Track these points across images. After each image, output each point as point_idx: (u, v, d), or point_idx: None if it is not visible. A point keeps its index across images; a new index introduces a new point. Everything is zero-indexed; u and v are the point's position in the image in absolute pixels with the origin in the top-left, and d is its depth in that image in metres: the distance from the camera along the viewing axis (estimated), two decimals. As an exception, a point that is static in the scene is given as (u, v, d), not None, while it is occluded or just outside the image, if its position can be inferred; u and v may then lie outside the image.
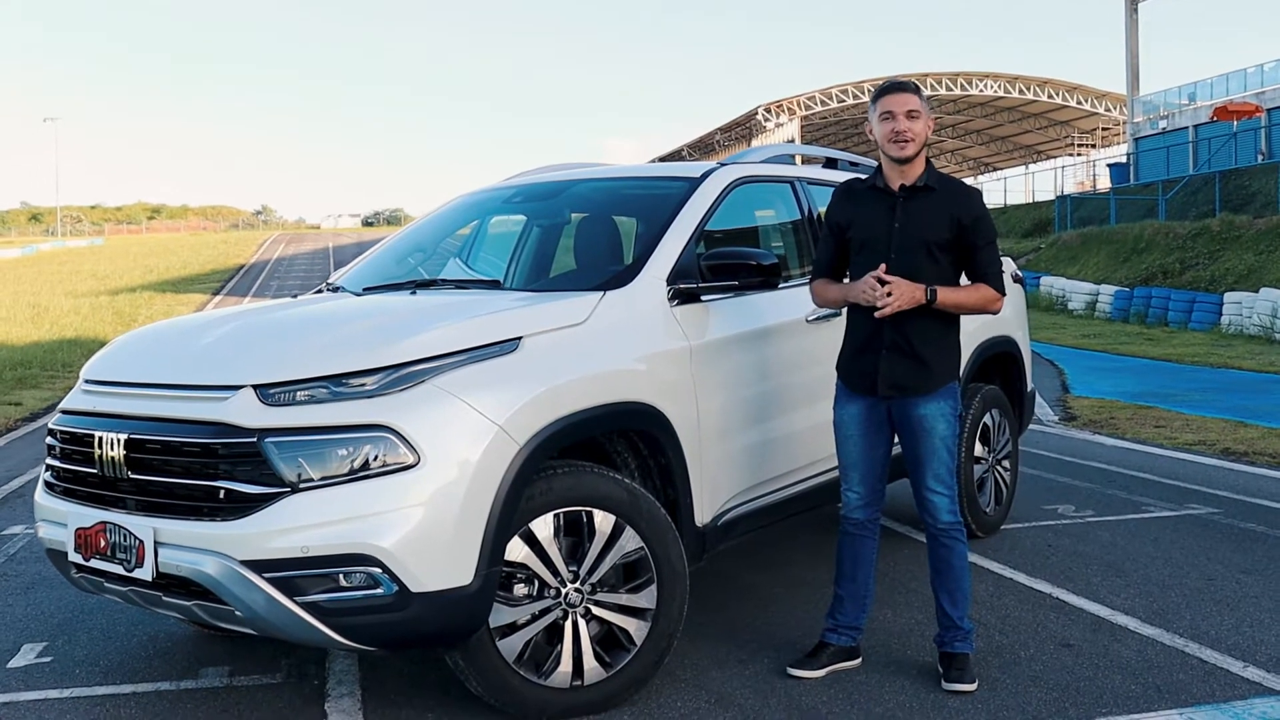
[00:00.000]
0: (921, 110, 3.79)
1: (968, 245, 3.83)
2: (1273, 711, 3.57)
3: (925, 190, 3.82)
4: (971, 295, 3.84)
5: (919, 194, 3.83)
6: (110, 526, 3.40)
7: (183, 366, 3.57)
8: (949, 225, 3.79)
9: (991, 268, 3.86)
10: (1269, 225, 23.40)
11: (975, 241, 3.83)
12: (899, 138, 3.77)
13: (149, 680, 4.02)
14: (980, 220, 3.83)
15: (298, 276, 41.87)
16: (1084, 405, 11.54)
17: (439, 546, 3.17)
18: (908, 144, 3.77)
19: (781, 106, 54.14)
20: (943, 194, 3.83)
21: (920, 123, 3.78)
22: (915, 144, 3.78)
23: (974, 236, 3.82)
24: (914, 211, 3.81)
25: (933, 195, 3.82)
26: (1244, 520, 6.26)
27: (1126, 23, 39.19)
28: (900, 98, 3.79)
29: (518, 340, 3.51)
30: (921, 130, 3.79)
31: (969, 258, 3.86)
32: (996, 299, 3.87)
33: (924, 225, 3.79)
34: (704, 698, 3.75)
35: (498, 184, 5.47)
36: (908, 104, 3.78)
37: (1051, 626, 4.43)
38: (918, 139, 3.78)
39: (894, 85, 3.86)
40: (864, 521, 3.99)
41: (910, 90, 3.82)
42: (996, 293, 3.86)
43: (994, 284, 3.85)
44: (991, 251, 3.86)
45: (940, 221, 3.79)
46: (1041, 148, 63.02)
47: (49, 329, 22.36)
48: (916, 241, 3.79)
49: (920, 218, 3.80)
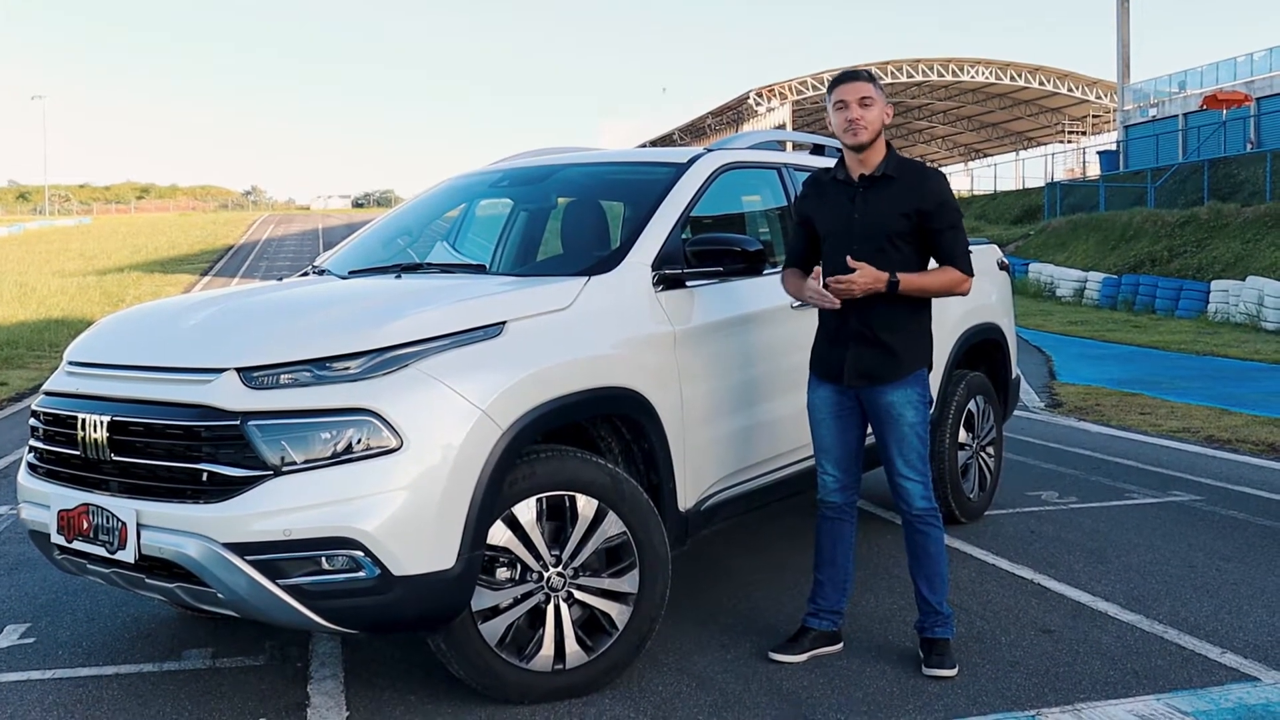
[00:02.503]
0: (875, 98, 3.80)
1: (931, 230, 3.82)
2: (1249, 697, 3.60)
3: (884, 179, 3.82)
4: (937, 278, 3.83)
5: (878, 183, 3.83)
6: (93, 508, 3.40)
7: (166, 349, 3.56)
8: (910, 213, 3.79)
9: (957, 248, 3.84)
10: (1256, 214, 23.47)
11: (938, 226, 3.82)
12: (852, 126, 3.77)
13: (132, 662, 4.02)
14: (943, 205, 3.82)
15: (287, 257, 41.76)
16: (1070, 392, 11.59)
17: (421, 530, 3.18)
18: (861, 131, 3.77)
19: (773, 91, 54.07)
20: (902, 182, 3.81)
21: (874, 110, 3.78)
22: (869, 131, 3.78)
23: (936, 221, 3.81)
24: (873, 201, 3.82)
25: (892, 184, 3.81)
26: (1226, 507, 6.30)
27: (1118, 10, 39.15)
28: (853, 86, 3.80)
29: (502, 325, 3.51)
30: (876, 117, 3.79)
31: (934, 242, 3.85)
32: (963, 280, 3.86)
33: (884, 214, 3.80)
34: (686, 681, 3.77)
35: (485, 168, 5.46)
36: (860, 92, 3.79)
37: (1032, 612, 4.46)
38: (871, 126, 3.78)
39: (847, 74, 3.87)
40: (841, 505, 4.01)
41: (863, 79, 3.84)
42: (963, 274, 3.85)
43: (960, 265, 3.84)
44: (955, 234, 3.85)
45: (900, 210, 3.79)
46: (1032, 134, 63.05)
47: (36, 309, 22.28)
48: (877, 231, 3.79)
49: (880, 207, 3.81)
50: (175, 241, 50.68)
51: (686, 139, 63.54)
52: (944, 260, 3.86)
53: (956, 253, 3.85)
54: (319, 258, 5.00)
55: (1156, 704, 3.55)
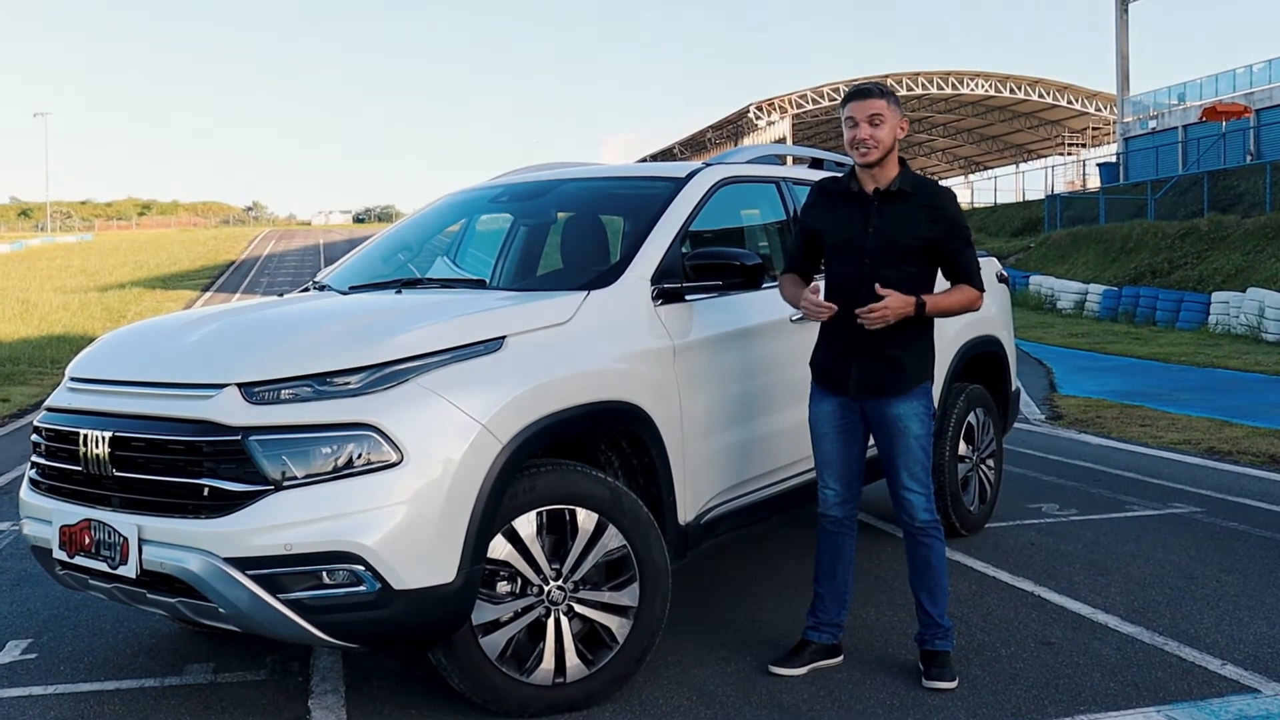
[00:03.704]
0: (887, 115, 3.77)
1: (945, 249, 3.85)
2: (1249, 709, 3.60)
3: (899, 195, 3.83)
4: (956, 298, 3.87)
5: (893, 199, 3.83)
6: (95, 524, 3.41)
7: (168, 365, 3.58)
8: (924, 230, 3.80)
9: (971, 267, 3.88)
10: (1256, 225, 23.48)
11: (953, 245, 3.84)
12: (861, 145, 3.77)
13: (134, 677, 4.03)
14: (955, 222, 3.85)
15: (288, 273, 41.82)
16: (1071, 404, 11.59)
17: (422, 544, 3.19)
18: (870, 151, 3.77)
19: (773, 105, 54.20)
20: (917, 198, 3.83)
21: (885, 129, 3.77)
22: (878, 150, 3.77)
23: (950, 240, 3.84)
24: (888, 216, 3.82)
25: (907, 200, 3.83)
26: (1226, 519, 6.30)
27: (1117, 23, 39.28)
28: (863, 104, 3.78)
29: (502, 339, 3.53)
30: (886, 136, 3.77)
31: (948, 261, 3.88)
32: (978, 298, 3.91)
33: (899, 230, 3.80)
34: (686, 695, 3.77)
35: (485, 183, 5.48)
36: (870, 109, 3.77)
37: (1032, 625, 4.47)
38: (881, 145, 3.76)
39: (858, 91, 3.86)
40: (841, 519, 4.01)
41: (875, 95, 3.81)
42: (978, 292, 3.90)
43: (975, 284, 3.88)
44: (969, 252, 3.89)
45: (914, 227, 3.80)
46: (1032, 147, 63.18)
47: (38, 325, 22.32)
48: (891, 246, 3.80)
49: (894, 223, 3.81)
50: (177, 257, 50.78)
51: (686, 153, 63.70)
52: (958, 278, 3.88)
53: (970, 270, 3.88)
54: (320, 273, 5.02)
55: (1157, 716, 3.56)
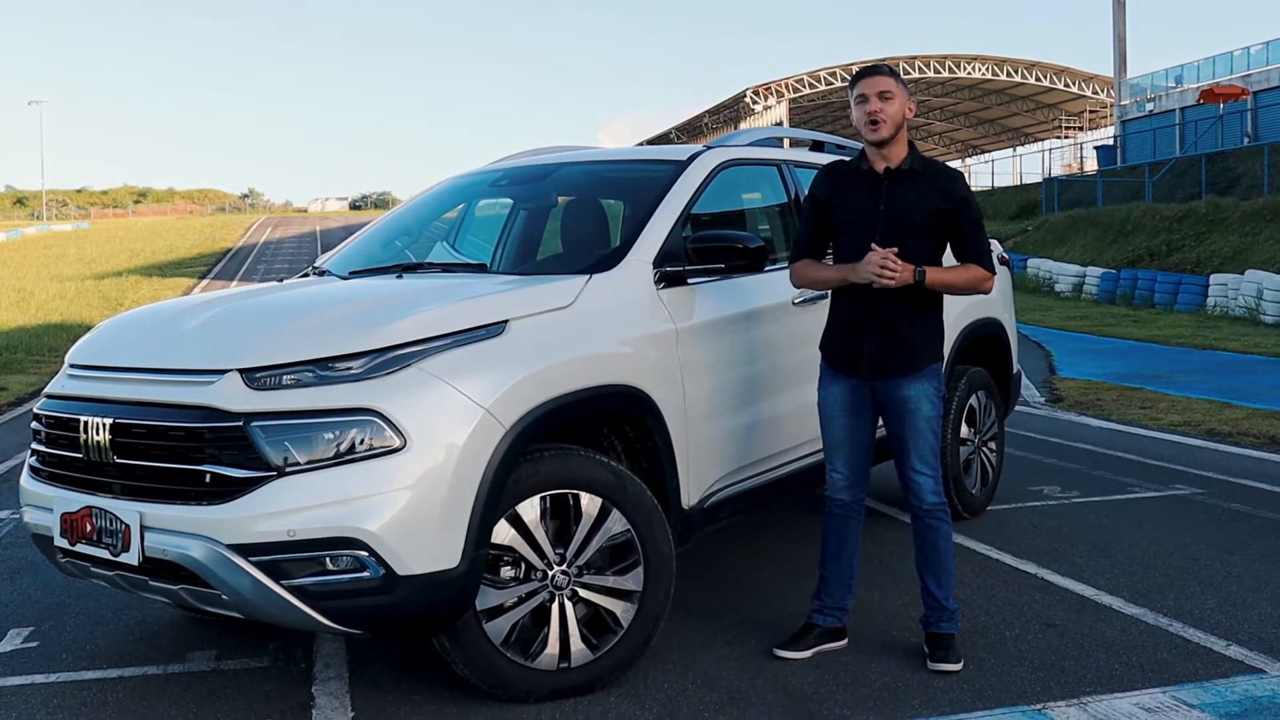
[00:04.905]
0: (896, 92, 3.80)
1: (956, 228, 3.84)
2: (1254, 689, 3.60)
3: (910, 174, 3.83)
4: (961, 275, 3.85)
5: (904, 177, 3.83)
6: (96, 511, 3.39)
7: (168, 351, 3.55)
8: (935, 208, 3.80)
9: (980, 246, 3.87)
10: (1255, 207, 23.46)
11: (963, 224, 3.84)
12: (871, 118, 3.78)
13: (136, 665, 4.02)
14: (966, 202, 3.85)
15: (285, 260, 41.74)
16: (1070, 386, 11.59)
17: (425, 529, 3.17)
18: (880, 125, 3.77)
19: (770, 89, 54.05)
20: (927, 177, 3.84)
21: (894, 104, 3.78)
22: (889, 125, 3.78)
23: (961, 220, 3.83)
24: (899, 194, 3.82)
25: (917, 178, 3.83)
26: (1228, 500, 6.30)
27: (1114, 6, 39.18)
28: (873, 80, 3.82)
29: (504, 324, 3.51)
30: (896, 111, 3.79)
31: (958, 240, 3.87)
32: (987, 278, 3.88)
33: (910, 208, 3.80)
34: (691, 679, 3.77)
35: (485, 167, 5.46)
36: (879, 86, 3.80)
37: (1037, 607, 4.46)
38: (891, 119, 3.78)
39: (868, 69, 3.89)
40: (849, 502, 4.00)
41: (883, 73, 3.86)
42: (987, 272, 3.87)
43: (984, 264, 3.87)
44: (980, 232, 3.88)
45: (925, 205, 3.80)
46: (1029, 130, 63.09)
47: (34, 313, 22.27)
48: (902, 224, 3.80)
49: (905, 201, 3.81)
50: (173, 245, 50.69)
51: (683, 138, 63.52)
52: (969, 257, 3.87)
53: (980, 250, 3.86)
54: (319, 258, 4.99)
55: (1163, 697, 3.55)
